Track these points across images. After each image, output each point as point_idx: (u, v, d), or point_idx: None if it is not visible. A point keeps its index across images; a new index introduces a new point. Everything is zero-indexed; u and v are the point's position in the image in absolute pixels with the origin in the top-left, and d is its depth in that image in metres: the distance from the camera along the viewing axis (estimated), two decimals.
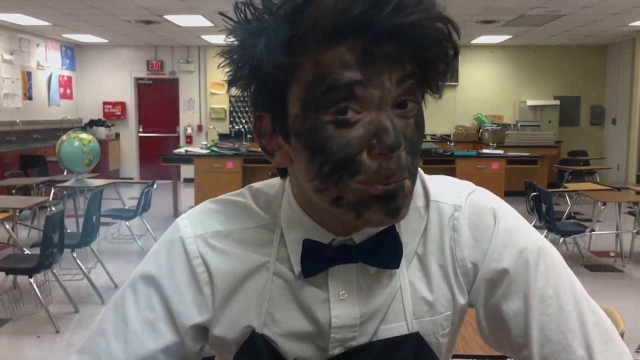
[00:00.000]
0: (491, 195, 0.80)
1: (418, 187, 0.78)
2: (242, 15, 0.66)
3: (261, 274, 0.76)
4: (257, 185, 0.82)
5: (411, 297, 0.75)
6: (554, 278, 0.73)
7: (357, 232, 0.73)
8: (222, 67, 0.69)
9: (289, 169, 0.74)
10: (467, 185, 0.80)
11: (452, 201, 0.77)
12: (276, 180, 0.81)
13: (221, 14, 0.67)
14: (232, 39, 0.67)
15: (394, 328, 0.74)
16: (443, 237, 0.76)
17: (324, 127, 0.63)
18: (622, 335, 1.38)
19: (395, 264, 0.73)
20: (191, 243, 0.76)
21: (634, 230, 5.84)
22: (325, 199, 0.67)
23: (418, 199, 0.77)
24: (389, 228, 0.72)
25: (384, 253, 0.72)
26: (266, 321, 0.75)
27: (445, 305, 0.76)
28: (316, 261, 0.72)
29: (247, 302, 0.75)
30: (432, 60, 0.65)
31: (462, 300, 0.77)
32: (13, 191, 6.23)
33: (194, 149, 8.10)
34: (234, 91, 0.72)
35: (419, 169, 0.78)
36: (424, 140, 0.70)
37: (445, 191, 0.78)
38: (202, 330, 0.78)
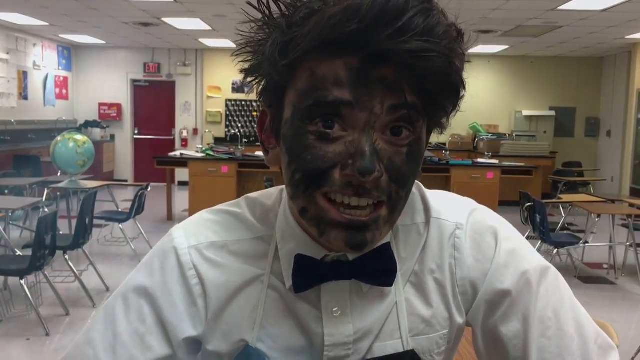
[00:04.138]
0: (493, 214, 0.78)
1: (418, 203, 0.76)
2: (267, 9, 0.66)
3: (255, 287, 0.74)
4: (254, 195, 0.80)
5: (407, 314, 0.73)
6: (555, 300, 0.72)
7: None
8: (239, 55, 0.69)
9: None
10: (469, 203, 0.79)
11: (453, 219, 0.76)
12: (273, 191, 0.80)
13: (249, 3, 0.67)
14: (254, 30, 0.67)
15: (389, 346, 0.73)
16: (443, 255, 0.74)
17: (305, 136, 0.63)
18: None
19: (389, 282, 0.71)
20: (185, 254, 0.74)
21: (628, 243, 5.84)
22: (295, 207, 0.67)
23: (417, 215, 0.76)
24: (383, 246, 0.70)
25: (378, 270, 0.70)
26: (260, 335, 0.73)
27: (442, 323, 0.74)
28: (308, 277, 0.70)
29: (240, 315, 0.74)
30: (434, 95, 0.62)
31: (459, 319, 0.75)
32: (6, 191, 6.20)
33: (189, 152, 8.08)
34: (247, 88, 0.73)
35: (419, 183, 0.77)
36: None
37: (446, 208, 0.77)
38: (194, 344, 0.76)
